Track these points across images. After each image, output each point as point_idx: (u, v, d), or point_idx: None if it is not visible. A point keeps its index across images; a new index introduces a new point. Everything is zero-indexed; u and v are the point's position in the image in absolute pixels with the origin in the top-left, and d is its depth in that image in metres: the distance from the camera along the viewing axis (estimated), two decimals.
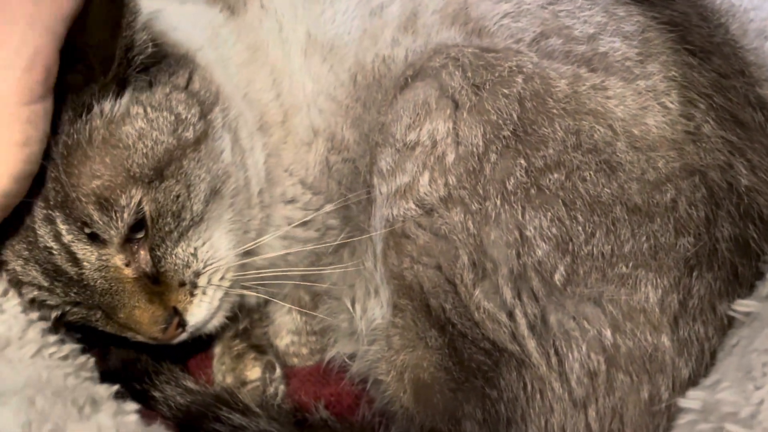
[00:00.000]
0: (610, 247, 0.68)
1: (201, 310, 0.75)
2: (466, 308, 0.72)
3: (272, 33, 0.87)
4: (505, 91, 0.73)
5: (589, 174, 0.69)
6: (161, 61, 0.75)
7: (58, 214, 0.66)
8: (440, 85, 0.77)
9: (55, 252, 0.68)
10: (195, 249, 0.74)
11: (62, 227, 0.67)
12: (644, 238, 0.68)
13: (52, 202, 0.67)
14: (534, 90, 0.72)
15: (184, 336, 0.76)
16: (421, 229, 0.75)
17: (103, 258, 0.69)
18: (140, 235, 0.70)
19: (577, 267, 0.68)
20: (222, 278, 0.77)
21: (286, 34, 0.87)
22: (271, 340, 0.96)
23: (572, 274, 0.68)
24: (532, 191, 0.70)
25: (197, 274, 0.75)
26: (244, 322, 0.96)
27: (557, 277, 0.68)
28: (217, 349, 0.95)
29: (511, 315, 0.70)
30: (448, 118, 0.75)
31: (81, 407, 0.63)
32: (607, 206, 0.69)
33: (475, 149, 0.73)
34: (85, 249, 0.68)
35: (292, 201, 0.87)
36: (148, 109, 0.71)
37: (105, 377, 0.75)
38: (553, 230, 0.69)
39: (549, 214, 0.69)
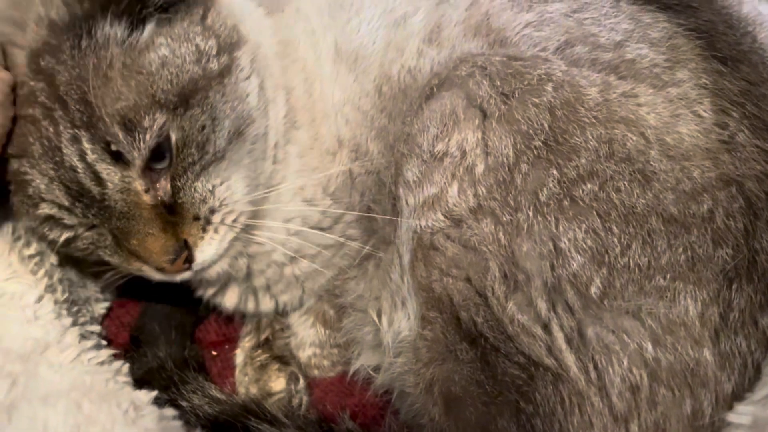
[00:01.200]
0: (646, 258, 0.67)
1: (210, 248, 0.75)
2: (498, 321, 0.70)
3: (306, 36, 0.87)
4: (535, 100, 0.72)
5: (623, 184, 0.68)
6: (181, 1, 0.76)
7: (83, 134, 0.68)
8: (467, 94, 0.76)
9: (80, 171, 0.69)
10: (213, 186, 0.75)
11: (87, 147, 0.69)
12: (681, 250, 0.67)
13: (78, 123, 0.68)
14: (564, 98, 0.71)
15: (188, 274, 0.76)
16: (450, 240, 0.74)
17: (126, 180, 0.70)
18: (161, 165, 0.72)
19: (613, 279, 0.67)
20: (235, 220, 0.77)
21: (318, 38, 0.87)
22: (294, 352, 0.95)
23: (609, 287, 0.67)
24: (566, 202, 0.68)
25: (212, 211, 0.75)
26: (266, 332, 0.96)
27: (593, 289, 0.67)
28: (239, 360, 0.94)
29: (546, 328, 0.69)
30: (477, 128, 0.74)
31: (125, 411, 0.66)
32: (643, 217, 0.67)
33: (505, 159, 0.71)
34: (109, 169, 0.70)
35: (310, 201, 0.86)
36: (170, 40, 0.73)
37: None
38: (588, 242, 0.67)
39: (583, 225, 0.68)
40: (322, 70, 0.86)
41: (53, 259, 0.84)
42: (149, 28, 0.73)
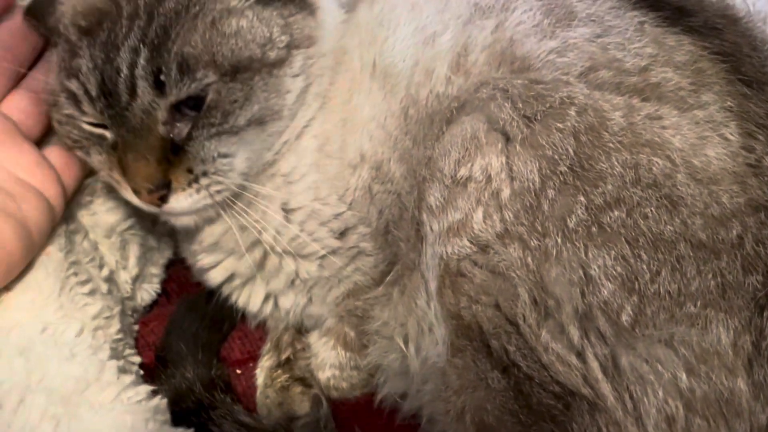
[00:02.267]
0: (676, 285, 0.66)
1: (184, 201, 0.78)
2: (532, 350, 0.70)
3: (359, 48, 0.88)
4: (559, 124, 0.71)
5: (651, 210, 0.67)
6: None
7: (145, 50, 0.72)
8: (488, 117, 0.76)
9: (122, 76, 0.72)
10: (218, 153, 0.77)
11: (142, 62, 0.72)
12: (711, 276, 0.66)
13: (146, 40, 0.72)
14: (588, 123, 0.71)
15: (154, 209, 0.79)
16: (477, 267, 0.73)
17: (153, 104, 0.73)
18: (191, 113, 0.75)
19: (644, 307, 0.66)
20: (219, 192, 0.79)
21: (362, 53, 0.88)
22: (315, 372, 0.95)
23: (640, 314, 0.66)
24: (594, 229, 0.68)
25: (204, 174, 0.77)
26: (287, 352, 0.95)
27: (624, 317, 0.66)
28: (260, 380, 0.94)
29: (581, 356, 0.68)
30: (501, 152, 0.74)
31: None
32: (671, 243, 0.67)
33: (531, 185, 0.71)
34: (147, 89, 0.73)
35: (323, 200, 0.86)
36: (254, 18, 0.78)
37: None
38: (618, 269, 0.67)
39: (612, 252, 0.67)
40: (361, 85, 0.87)
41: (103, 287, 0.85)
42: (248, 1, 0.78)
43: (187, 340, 0.92)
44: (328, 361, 0.94)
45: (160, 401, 0.77)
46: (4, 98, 0.83)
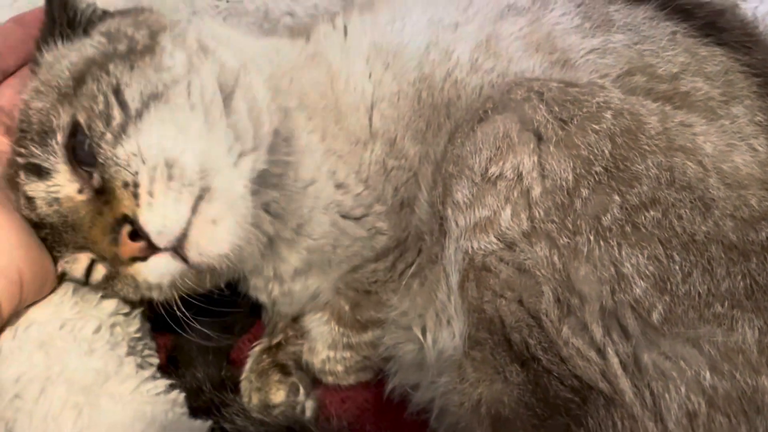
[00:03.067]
0: (706, 286, 0.67)
1: (157, 209, 0.65)
2: (552, 344, 0.70)
3: (335, 44, 0.88)
4: (595, 126, 0.73)
5: (684, 212, 0.69)
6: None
7: (22, 165, 0.71)
8: (521, 118, 0.77)
9: (23, 207, 0.71)
10: (141, 143, 0.67)
11: (22, 175, 0.70)
12: (740, 278, 0.68)
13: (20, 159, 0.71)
14: (625, 126, 0.72)
15: (165, 258, 0.67)
16: (504, 263, 0.74)
17: (53, 189, 0.69)
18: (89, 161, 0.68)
19: (675, 306, 0.67)
20: (183, 170, 0.67)
21: (350, 44, 0.88)
22: (308, 359, 0.94)
23: (670, 313, 0.67)
24: (628, 228, 0.69)
25: (136, 173, 0.66)
26: (278, 337, 0.95)
27: (655, 316, 0.67)
28: (248, 365, 0.94)
29: (601, 352, 0.69)
30: (533, 151, 0.74)
31: None
32: (703, 245, 0.68)
33: (564, 183, 0.72)
34: (33, 187, 0.70)
35: (342, 186, 0.86)
36: (75, 45, 0.77)
37: None
38: (651, 268, 0.68)
39: (646, 252, 0.68)
40: (349, 68, 0.87)
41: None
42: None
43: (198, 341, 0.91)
44: (320, 338, 0.94)
45: (179, 395, 0.77)
46: None
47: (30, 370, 0.70)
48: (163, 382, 0.75)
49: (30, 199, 0.70)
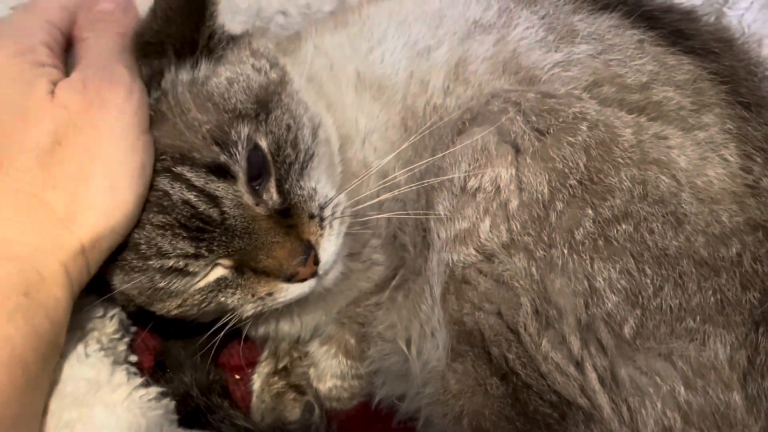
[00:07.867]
0: (678, 300, 0.68)
1: (330, 245, 0.75)
2: (531, 358, 0.71)
3: (324, 70, 0.88)
4: (570, 138, 0.73)
5: (657, 226, 0.70)
6: (228, 42, 0.79)
7: (181, 168, 0.69)
8: (499, 130, 0.77)
9: (193, 200, 0.69)
10: (316, 183, 0.76)
11: (191, 176, 0.69)
12: (711, 293, 0.69)
13: (171, 163, 0.69)
14: (600, 138, 0.73)
15: (313, 282, 0.75)
16: (482, 275, 0.74)
17: (237, 193, 0.70)
18: (260, 181, 0.72)
19: (646, 320, 0.68)
20: (344, 210, 0.78)
21: (337, 71, 0.88)
22: (314, 384, 0.94)
23: (642, 328, 0.68)
24: (600, 242, 0.70)
25: (322, 207, 0.75)
26: (284, 360, 0.95)
27: (627, 330, 0.68)
28: (256, 386, 0.94)
29: (579, 367, 0.70)
30: (510, 164, 0.75)
31: None
32: (674, 259, 0.69)
33: (540, 196, 0.72)
34: (220, 186, 0.69)
35: None
36: (228, 66, 0.76)
37: None
38: (623, 282, 0.69)
39: (618, 265, 0.69)
40: (343, 99, 0.87)
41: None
42: (204, 66, 0.75)
43: (186, 344, 0.91)
44: (329, 370, 0.94)
45: (170, 402, 0.77)
46: None
47: None
48: (154, 389, 0.74)
49: (214, 198, 0.69)
